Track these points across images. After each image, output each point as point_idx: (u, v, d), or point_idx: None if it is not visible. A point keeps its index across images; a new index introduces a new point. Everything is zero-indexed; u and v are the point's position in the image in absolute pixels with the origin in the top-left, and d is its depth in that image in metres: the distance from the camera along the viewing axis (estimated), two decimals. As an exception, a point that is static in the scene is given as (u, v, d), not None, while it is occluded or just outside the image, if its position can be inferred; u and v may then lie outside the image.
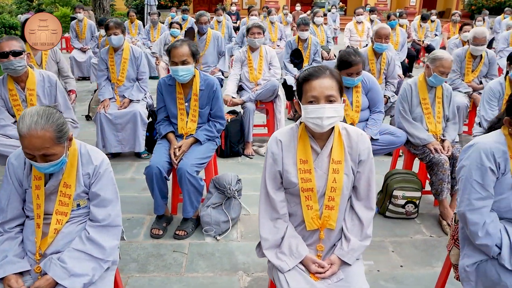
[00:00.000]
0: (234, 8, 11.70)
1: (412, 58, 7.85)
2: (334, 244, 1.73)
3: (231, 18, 11.45)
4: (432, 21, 9.72)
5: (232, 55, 6.38)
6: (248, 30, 4.27)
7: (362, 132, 1.71)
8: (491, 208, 1.74)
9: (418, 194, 3.00)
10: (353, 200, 1.74)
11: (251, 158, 4.17)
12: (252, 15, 6.52)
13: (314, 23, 6.74)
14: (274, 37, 7.52)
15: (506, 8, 10.87)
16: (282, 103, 4.35)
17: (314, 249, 1.72)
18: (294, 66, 5.36)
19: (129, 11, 8.52)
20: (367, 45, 5.39)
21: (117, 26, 3.91)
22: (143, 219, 3.08)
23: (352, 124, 3.00)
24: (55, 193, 1.71)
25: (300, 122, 1.70)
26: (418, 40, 8.86)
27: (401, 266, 2.57)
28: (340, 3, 15.16)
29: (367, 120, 3.08)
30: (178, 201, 3.07)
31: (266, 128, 4.65)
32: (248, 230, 2.93)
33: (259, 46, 4.30)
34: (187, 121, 2.89)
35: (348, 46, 6.91)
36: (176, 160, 2.75)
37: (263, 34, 4.29)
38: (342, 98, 1.65)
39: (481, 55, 4.48)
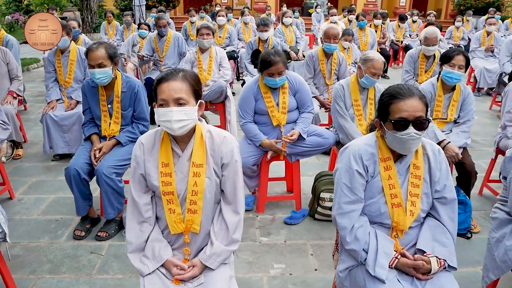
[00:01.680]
0: (218, 8, 11.66)
1: (387, 58, 7.81)
2: (203, 248, 1.72)
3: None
4: (414, 22, 9.67)
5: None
6: (197, 31, 4.27)
7: (226, 134, 1.69)
8: (362, 212, 1.72)
9: (345, 196, 2.97)
10: (222, 204, 1.72)
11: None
12: (219, 16, 6.51)
13: (283, 23, 6.72)
14: (248, 37, 7.50)
15: (490, 9, 10.77)
16: (232, 104, 4.33)
17: (181, 252, 1.71)
18: (255, 67, 5.34)
19: (106, 12, 8.54)
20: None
21: (62, 29, 3.91)
22: (71, 220, 3.07)
23: (278, 125, 2.99)
24: None
25: None
26: (397, 41, 8.81)
27: (316, 269, 2.55)
28: (328, 3, 15.13)
29: (295, 121, 3.05)
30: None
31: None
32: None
33: (209, 47, 4.29)
34: (110, 123, 2.88)
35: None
36: (96, 161, 2.75)
37: (213, 35, 4.29)
38: (198, 101, 1.63)
39: (434, 55, 4.44)
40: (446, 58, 3.01)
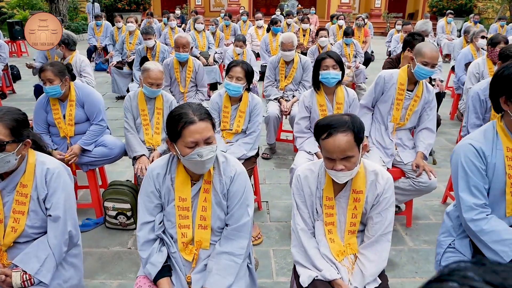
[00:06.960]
0: (178, 12, 11.80)
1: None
2: None
3: (176, 21, 11.54)
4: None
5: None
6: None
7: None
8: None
9: (127, 206, 3.04)
10: None
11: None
12: (128, 22, 6.61)
13: (195, 29, 6.79)
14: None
15: (448, 11, 10.55)
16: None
17: None
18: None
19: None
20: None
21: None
22: None
23: (65, 137, 3.08)
24: None
25: None
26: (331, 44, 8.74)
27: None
28: (299, 5, 15.04)
29: (85, 133, 3.13)
30: None
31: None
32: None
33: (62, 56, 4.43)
34: None
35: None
36: None
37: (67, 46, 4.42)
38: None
39: (293, 60, 4.42)
40: (226, 69, 3.04)
